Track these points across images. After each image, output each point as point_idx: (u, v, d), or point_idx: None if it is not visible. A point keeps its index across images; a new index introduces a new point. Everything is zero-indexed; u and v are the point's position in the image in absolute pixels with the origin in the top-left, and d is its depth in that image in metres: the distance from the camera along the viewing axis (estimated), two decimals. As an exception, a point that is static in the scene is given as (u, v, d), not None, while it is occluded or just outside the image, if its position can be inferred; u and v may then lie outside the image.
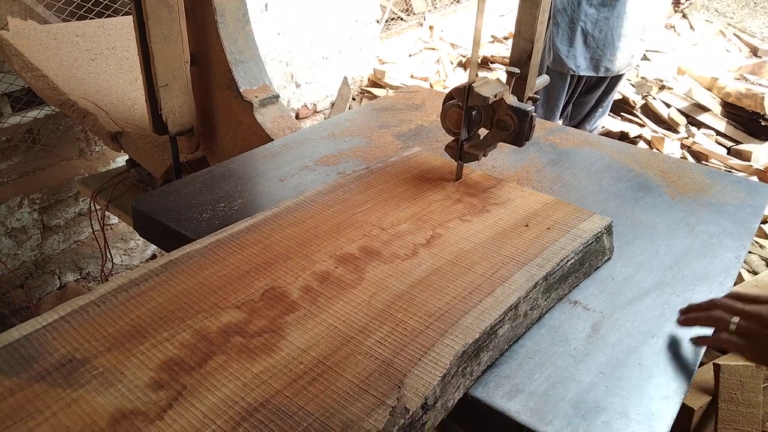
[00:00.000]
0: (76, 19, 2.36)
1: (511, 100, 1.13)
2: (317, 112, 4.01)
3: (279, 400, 0.68)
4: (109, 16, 2.50)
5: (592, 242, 1.03)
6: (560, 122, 3.11)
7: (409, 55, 4.71)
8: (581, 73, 2.84)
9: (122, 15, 2.51)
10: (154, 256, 2.91)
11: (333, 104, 4.12)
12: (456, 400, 0.77)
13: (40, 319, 0.79)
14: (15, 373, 0.70)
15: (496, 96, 1.10)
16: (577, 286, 1.02)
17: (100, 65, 2.06)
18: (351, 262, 0.94)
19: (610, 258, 1.11)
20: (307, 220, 1.04)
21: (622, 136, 3.76)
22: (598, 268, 1.08)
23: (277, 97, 1.72)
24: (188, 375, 0.71)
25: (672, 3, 6.25)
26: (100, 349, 0.74)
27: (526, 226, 1.06)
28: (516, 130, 1.12)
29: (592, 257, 1.05)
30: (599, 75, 2.87)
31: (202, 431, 0.64)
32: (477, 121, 1.15)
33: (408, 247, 0.99)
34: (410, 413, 0.68)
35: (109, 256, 2.42)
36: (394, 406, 0.68)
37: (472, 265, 0.95)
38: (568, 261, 0.98)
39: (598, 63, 2.83)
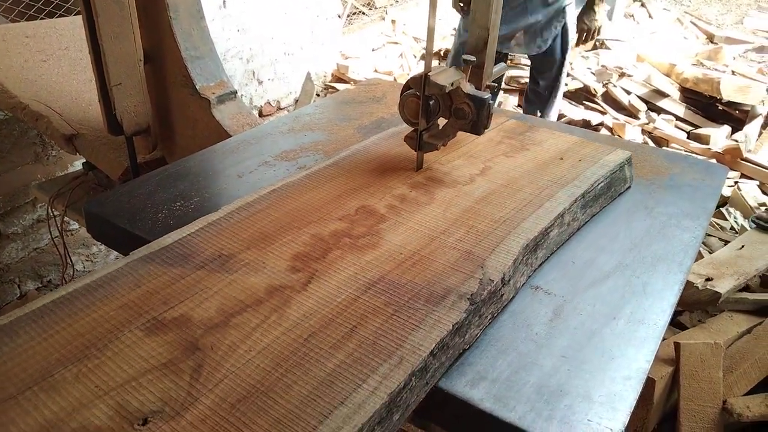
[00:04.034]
0: (26, 20, 2.29)
1: (468, 88, 1.12)
2: (281, 109, 3.97)
3: (391, 277, 0.89)
4: (60, 16, 2.43)
5: (617, 170, 1.24)
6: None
7: (373, 50, 4.70)
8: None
9: (74, 15, 2.44)
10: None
11: (297, 101, 4.09)
12: (522, 284, 0.98)
13: (184, 229, 0.98)
14: (179, 264, 0.89)
15: (452, 84, 1.09)
16: (605, 207, 1.23)
17: (53, 66, 2.00)
18: (421, 188, 1.15)
19: (630, 186, 1.30)
20: (376, 159, 1.26)
21: (585, 124, 3.81)
22: (621, 193, 1.28)
23: (234, 93, 1.69)
24: (316, 263, 0.92)
25: None
26: (241, 248, 0.94)
27: (561, 159, 1.26)
28: (474, 118, 1.12)
29: (616, 183, 1.25)
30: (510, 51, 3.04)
31: (339, 295, 0.85)
32: (435, 110, 1.15)
33: (465, 176, 1.19)
34: (494, 283, 0.88)
35: (70, 262, 2.36)
36: (481, 278, 0.89)
37: (521, 187, 1.15)
38: (599, 183, 1.18)
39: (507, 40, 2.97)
